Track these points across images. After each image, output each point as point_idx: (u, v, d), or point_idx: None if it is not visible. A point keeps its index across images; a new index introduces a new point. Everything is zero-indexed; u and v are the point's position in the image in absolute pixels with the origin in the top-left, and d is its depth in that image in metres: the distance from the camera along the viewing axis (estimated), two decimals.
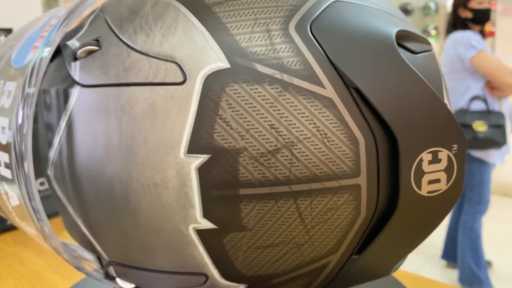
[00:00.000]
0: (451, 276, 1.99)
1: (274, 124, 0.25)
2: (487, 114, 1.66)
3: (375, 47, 0.27)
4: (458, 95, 1.70)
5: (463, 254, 1.82)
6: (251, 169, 0.26)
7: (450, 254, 2.01)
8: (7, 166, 0.29)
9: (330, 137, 0.26)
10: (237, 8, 0.27)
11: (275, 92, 0.25)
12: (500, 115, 1.68)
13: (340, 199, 0.27)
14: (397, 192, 0.27)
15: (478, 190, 1.79)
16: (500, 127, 1.66)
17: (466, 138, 0.29)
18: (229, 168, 0.26)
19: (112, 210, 0.29)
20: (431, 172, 0.28)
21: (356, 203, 0.27)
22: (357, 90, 0.26)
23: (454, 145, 0.28)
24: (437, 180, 0.28)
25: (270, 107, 0.25)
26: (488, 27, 5.08)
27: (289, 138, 0.25)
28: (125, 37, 0.28)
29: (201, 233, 0.27)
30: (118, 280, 0.33)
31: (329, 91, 0.26)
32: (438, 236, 2.14)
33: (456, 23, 1.78)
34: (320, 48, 0.26)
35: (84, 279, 0.49)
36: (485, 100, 1.68)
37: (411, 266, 2.02)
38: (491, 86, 1.69)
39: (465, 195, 1.82)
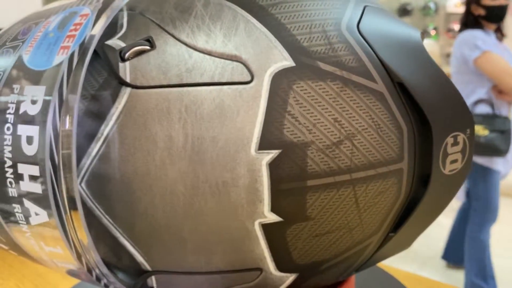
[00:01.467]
0: (451, 276, 1.99)
1: (337, 118, 0.28)
2: (492, 119, 1.56)
3: (410, 45, 0.31)
4: (463, 97, 1.62)
5: (469, 267, 1.72)
6: (318, 161, 0.27)
7: (450, 255, 2.01)
8: (35, 179, 0.27)
9: (382, 127, 0.29)
10: (292, 10, 0.29)
11: (337, 88, 0.28)
12: (506, 120, 1.57)
13: (388, 183, 0.30)
14: (429, 172, 0.31)
15: (484, 197, 1.68)
16: (504, 133, 1.55)
17: (474, 123, 0.33)
18: (298, 161, 0.27)
19: (171, 216, 0.28)
20: (452, 154, 0.32)
21: (399, 186, 0.30)
22: (400, 84, 0.29)
23: (467, 129, 0.32)
24: (456, 160, 0.32)
25: (333, 102, 0.28)
26: None
27: (350, 130, 0.28)
28: (183, 37, 0.28)
29: (266, 227, 0.28)
30: None
31: (380, 85, 0.29)
32: (437, 236, 2.14)
33: (467, 21, 1.66)
34: (369, 47, 0.29)
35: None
36: (491, 104, 1.58)
37: (410, 266, 2.03)
38: (499, 89, 1.58)
39: (471, 204, 1.74)
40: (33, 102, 0.27)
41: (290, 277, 0.31)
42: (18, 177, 0.27)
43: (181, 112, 0.27)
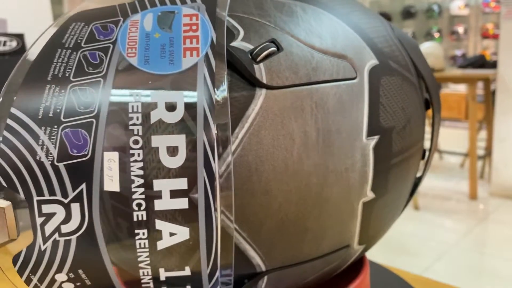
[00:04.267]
0: (461, 274, 1.98)
1: (403, 105, 0.33)
2: None
3: (417, 47, 0.38)
4: None
5: None
6: (397, 142, 0.33)
7: None
8: (180, 193, 0.24)
9: (419, 112, 0.36)
10: (364, 16, 0.35)
11: (400, 81, 0.33)
12: None
13: (418, 155, 0.37)
14: (430, 148, 0.40)
15: None
16: None
17: None
18: (387, 143, 0.32)
19: (301, 208, 0.29)
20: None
21: (420, 157, 0.38)
22: (421, 77, 0.37)
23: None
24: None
25: (400, 92, 0.33)
26: (492, 30, 5.08)
27: (409, 115, 0.34)
28: (301, 39, 0.30)
29: (365, 205, 0.32)
30: None
31: (414, 79, 0.35)
32: (442, 237, 2.13)
33: None
34: (405, 50, 0.36)
35: None
36: None
37: (418, 268, 2.02)
38: None
39: None
40: (170, 108, 0.25)
41: (360, 249, 0.35)
42: (153, 195, 0.24)
43: (312, 108, 0.28)
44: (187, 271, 0.26)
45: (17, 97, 0.25)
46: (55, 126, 0.24)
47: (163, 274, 0.26)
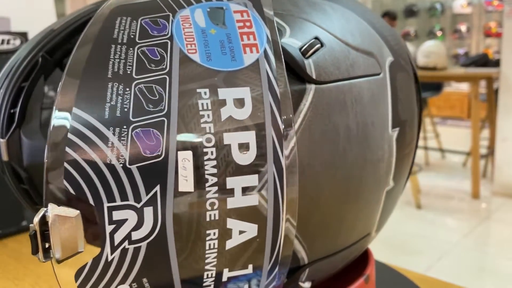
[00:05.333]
0: (463, 273, 1.98)
1: (412, 99, 0.35)
2: None
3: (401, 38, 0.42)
4: None
5: None
6: (408, 133, 0.35)
7: None
8: (251, 190, 0.24)
9: (417, 105, 0.37)
10: (376, 16, 0.36)
11: (407, 77, 0.35)
12: None
13: (417, 143, 0.39)
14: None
15: None
16: None
17: None
18: (404, 135, 0.34)
19: (343, 200, 0.30)
20: None
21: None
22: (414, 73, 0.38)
23: None
24: None
25: (409, 88, 0.35)
26: (494, 28, 5.06)
27: (414, 109, 0.36)
28: (338, 35, 0.30)
29: (387, 193, 0.34)
30: (304, 284, 0.32)
31: (412, 75, 0.37)
32: (444, 236, 2.13)
33: None
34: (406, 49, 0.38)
35: None
36: None
37: (419, 267, 2.02)
38: None
39: None
40: (239, 105, 0.24)
41: (375, 237, 0.36)
42: (226, 193, 0.24)
43: (352, 102, 0.29)
44: (249, 269, 0.26)
45: (77, 96, 0.23)
46: (124, 127, 0.23)
47: (226, 275, 0.26)
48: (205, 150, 0.23)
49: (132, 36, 0.26)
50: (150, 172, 0.23)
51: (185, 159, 0.23)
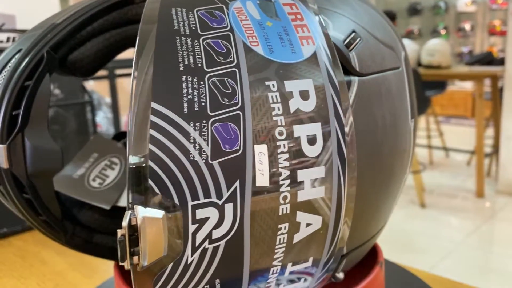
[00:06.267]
0: (468, 272, 1.97)
1: (415, 94, 0.36)
2: None
3: None
4: None
5: None
6: (417, 124, 0.36)
7: None
8: (318, 182, 0.24)
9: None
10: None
11: (410, 71, 0.36)
12: None
13: None
14: None
15: None
16: None
17: None
18: (416, 125, 0.35)
19: (378, 189, 0.30)
20: None
21: None
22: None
23: None
24: None
25: (413, 81, 0.36)
26: (499, 27, 5.04)
27: (415, 98, 0.36)
28: (369, 30, 0.31)
29: (403, 183, 0.35)
30: (339, 275, 0.31)
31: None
32: (448, 235, 2.13)
33: None
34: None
35: (108, 280, 0.50)
36: None
37: (424, 266, 2.01)
38: None
39: None
40: (304, 97, 0.24)
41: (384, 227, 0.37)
42: (297, 186, 0.24)
43: (385, 94, 0.30)
44: (309, 262, 0.26)
45: (154, 90, 0.22)
46: (204, 121, 0.22)
47: (288, 269, 0.26)
48: (278, 143, 0.23)
49: (193, 28, 0.25)
50: (230, 168, 0.22)
51: (261, 153, 0.23)
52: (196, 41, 0.24)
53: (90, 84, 2.47)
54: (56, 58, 0.33)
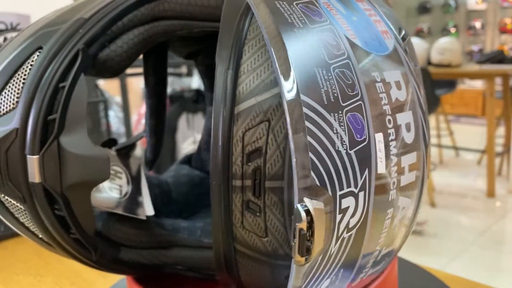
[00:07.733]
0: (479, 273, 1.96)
1: None
2: None
3: None
4: None
5: None
6: None
7: None
8: (413, 167, 0.26)
9: None
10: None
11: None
12: None
13: None
14: None
15: None
16: None
17: None
18: None
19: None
20: None
21: None
22: None
23: None
24: None
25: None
26: (510, 25, 4.99)
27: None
28: (403, 27, 0.31)
29: None
30: None
31: None
32: (459, 235, 2.11)
33: None
34: None
35: (122, 280, 0.50)
36: None
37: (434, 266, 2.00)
38: None
39: None
40: (399, 87, 0.26)
41: None
42: (401, 172, 0.25)
43: (421, 87, 0.30)
44: (395, 245, 0.27)
45: (299, 82, 0.22)
46: (340, 112, 0.23)
47: (382, 253, 0.27)
48: (388, 131, 0.25)
49: (303, 21, 0.25)
50: (362, 156, 0.23)
51: (380, 141, 0.24)
52: (310, 34, 0.25)
53: (100, 84, 2.47)
54: (90, 56, 0.30)
